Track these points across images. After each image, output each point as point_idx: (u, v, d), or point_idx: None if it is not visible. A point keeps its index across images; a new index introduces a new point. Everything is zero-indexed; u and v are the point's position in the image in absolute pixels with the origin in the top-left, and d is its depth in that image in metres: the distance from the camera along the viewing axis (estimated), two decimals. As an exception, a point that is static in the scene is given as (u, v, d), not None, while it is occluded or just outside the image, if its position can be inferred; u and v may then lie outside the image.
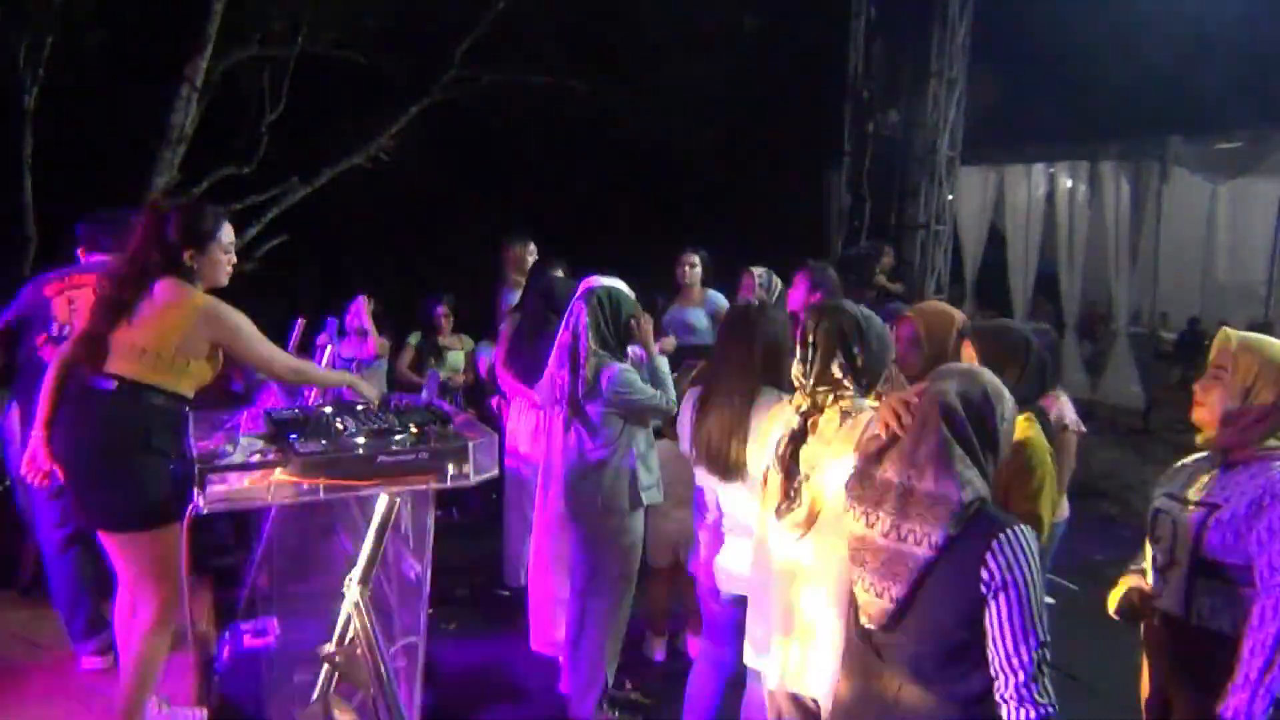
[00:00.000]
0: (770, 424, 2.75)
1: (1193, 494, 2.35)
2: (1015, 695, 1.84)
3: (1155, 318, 11.99)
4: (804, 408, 2.59)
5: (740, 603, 2.96)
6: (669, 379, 3.68)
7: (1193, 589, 2.26)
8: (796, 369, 2.63)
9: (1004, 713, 1.86)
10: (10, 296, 3.61)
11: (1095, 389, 11.28)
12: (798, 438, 2.58)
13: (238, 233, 3.12)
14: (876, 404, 2.58)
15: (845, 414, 2.51)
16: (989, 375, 2.09)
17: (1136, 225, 10.49)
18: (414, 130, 9.87)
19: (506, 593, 5.00)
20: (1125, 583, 2.51)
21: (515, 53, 10.23)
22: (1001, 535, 1.88)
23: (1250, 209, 12.55)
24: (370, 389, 3.05)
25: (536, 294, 4.68)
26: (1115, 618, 2.49)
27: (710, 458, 2.95)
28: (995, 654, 1.86)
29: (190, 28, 7.59)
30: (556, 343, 3.77)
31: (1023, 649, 1.84)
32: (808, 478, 2.53)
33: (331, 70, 9.45)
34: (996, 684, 1.88)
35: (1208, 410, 2.37)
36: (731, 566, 3.09)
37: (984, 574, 1.86)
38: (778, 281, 5.24)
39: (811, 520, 2.52)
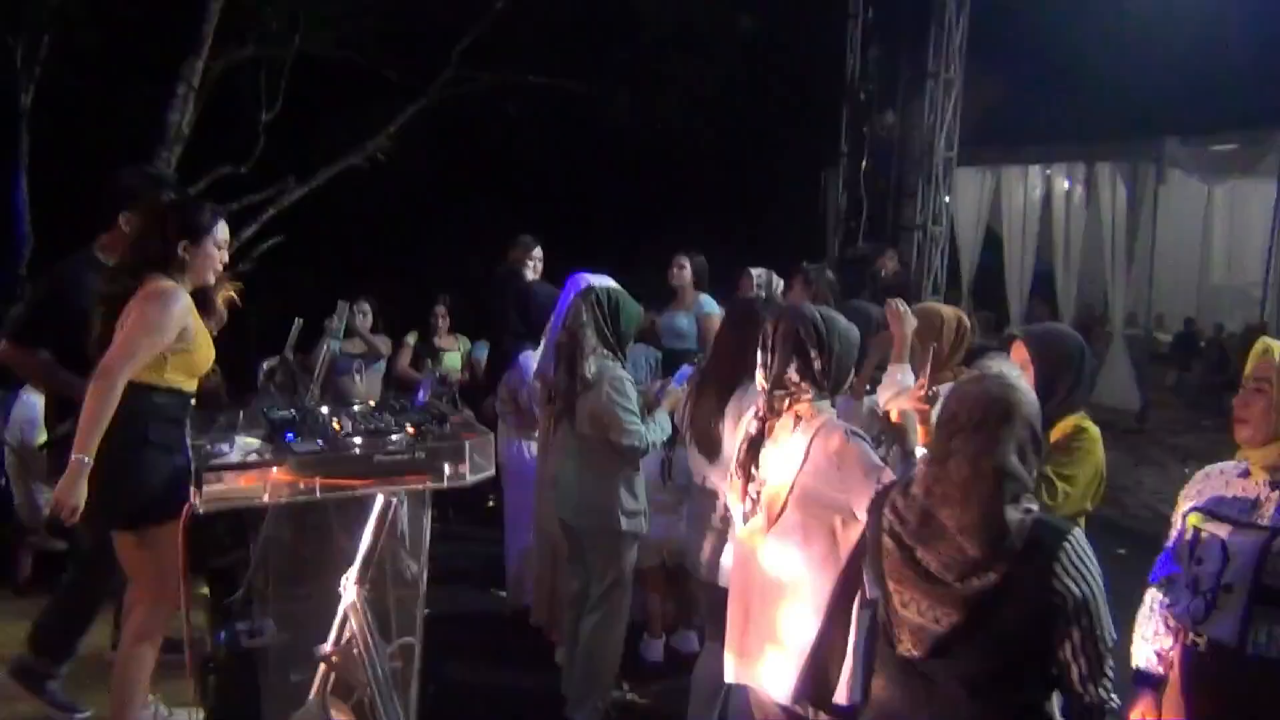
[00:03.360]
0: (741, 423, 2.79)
1: (1242, 514, 2.23)
2: (1092, 700, 1.84)
3: (1151, 319, 12.02)
4: (762, 412, 2.60)
5: None
6: (662, 430, 3.57)
7: (1250, 616, 2.14)
8: (758, 373, 2.64)
9: None
10: (8, 295, 3.60)
11: (1091, 390, 11.28)
12: (755, 442, 2.58)
13: (235, 232, 3.12)
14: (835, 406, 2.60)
15: (799, 418, 2.51)
16: (1025, 391, 1.94)
17: (1132, 227, 10.50)
18: (411, 130, 9.86)
19: (503, 593, 5.00)
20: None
21: (513, 53, 10.23)
22: (1065, 547, 1.83)
23: (1246, 210, 12.58)
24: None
25: (512, 303, 4.69)
26: None
27: (698, 437, 3.14)
28: (1075, 667, 1.84)
29: (187, 27, 7.58)
30: (552, 342, 3.77)
31: (1101, 656, 1.83)
32: (765, 482, 2.54)
33: (329, 70, 9.45)
34: (1069, 691, 1.86)
35: (1251, 427, 2.23)
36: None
37: (1056, 587, 1.81)
38: (779, 282, 5.22)
39: (769, 525, 2.52)
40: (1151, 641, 2.44)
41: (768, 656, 2.56)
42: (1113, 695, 1.87)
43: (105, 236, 3.37)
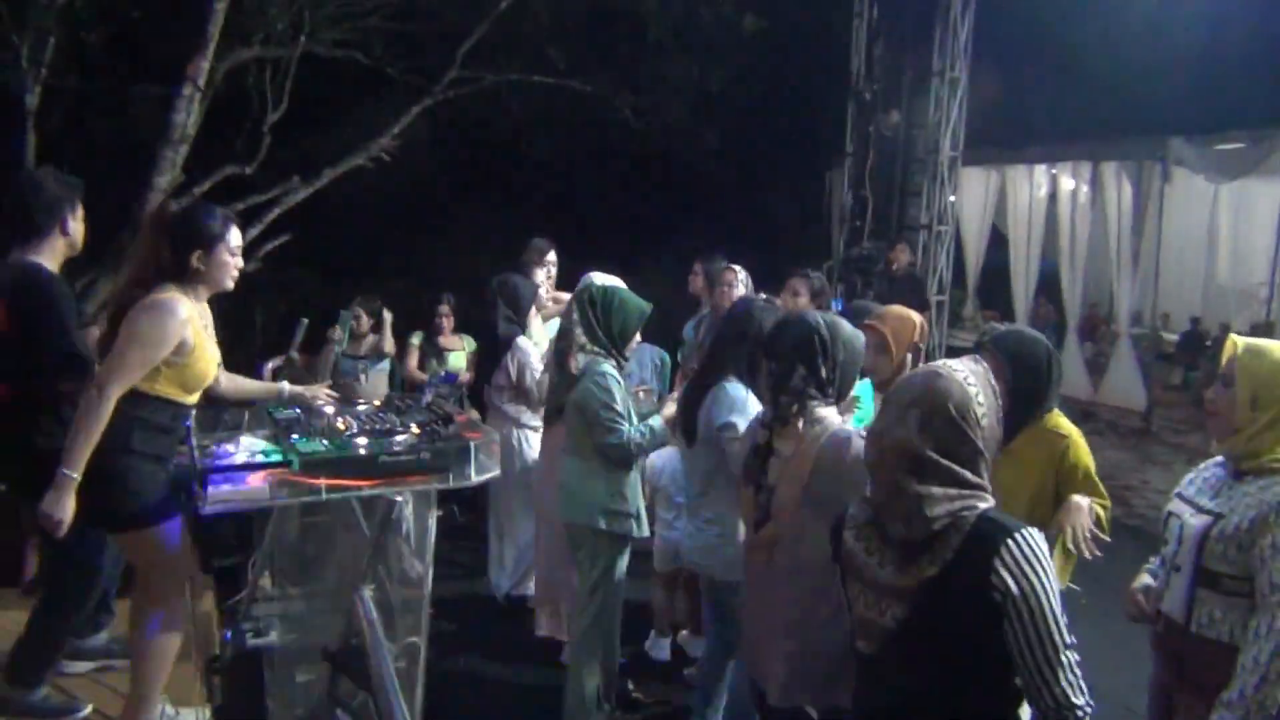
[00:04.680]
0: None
1: (1204, 500, 2.33)
2: (1054, 703, 1.75)
3: (1157, 318, 11.98)
4: (768, 420, 2.59)
5: None
6: (652, 434, 3.53)
7: (1193, 597, 2.26)
8: (763, 380, 2.64)
9: None
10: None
11: (1096, 390, 11.28)
12: (763, 451, 2.57)
13: (240, 233, 3.09)
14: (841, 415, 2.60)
15: (806, 425, 2.51)
16: (954, 382, 1.86)
17: (1138, 226, 10.48)
18: (416, 130, 9.87)
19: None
20: (1139, 581, 2.53)
21: (517, 53, 10.24)
22: (1008, 543, 1.75)
23: (1252, 210, 12.54)
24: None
25: (500, 294, 4.70)
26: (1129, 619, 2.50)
27: (682, 424, 3.29)
28: (1022, 666, 1.76)
29: (192, 27, 7.58)
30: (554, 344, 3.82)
31: (1052, 657, 1.74)
32: (774, 490, 2.53)
33: (333, 70, 9.46)
34: (1030, 695, 1.78)
35: (1219, 419, 2.32)
36: None
37: (995, 583, 1.74)
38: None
39: (776, 535, 2.52)
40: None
41: (779, 659, 2.55)
42: (1078, 698, 1.76)
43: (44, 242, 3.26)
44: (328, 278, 10.93)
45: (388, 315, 6.22)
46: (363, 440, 2.64)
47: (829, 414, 2.54)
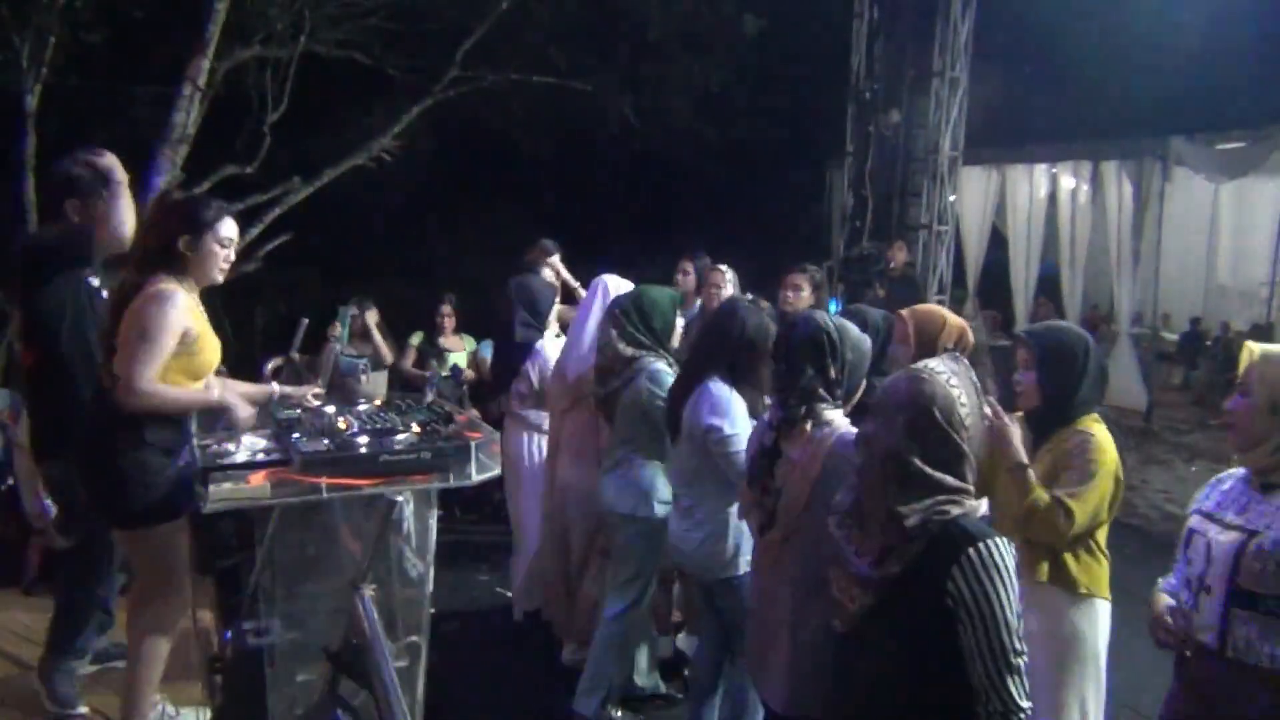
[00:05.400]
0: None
1: (1230, 516, 2.23)
2: (1001, 705, 1.81)
3: (1157, 318, 11.96)
4: (776, 421, 2.58)
5: None
6: None
7: (1229, 618, 2.15)
8: (770, 381, 2.64)
9: None
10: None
11: (1105, 387, 11.25)
12: (770, 452, 2.57)
13: (240, 233, 3.08)
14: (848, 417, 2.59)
15: (814, 427, 2.50)
16: (937, 385, 1.91)
17: (1139, 226, 10.46)
18: (416, 130, 9.87)
19: (508, 592, 4.99)
20: (1159, 602, 2.38)
21: (517, 53, 10.24)
22: (968, 552, 1.81)
23: (1253, 209, 12.54)
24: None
25: (517, 297, 4.68)
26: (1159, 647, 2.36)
27: (668, 420, 3.30)
28: (972, 670, 1.82)
29: (193, 27, 7.58)
30: (579, 337, 3.98)
31: (1001, 664, 1.80)
32: (780, 493, 2.52)
33: (334, 70, 9.46)
34: (979, 698, 1.83)
35: (1238, 430, 2.25)
36: None
37: (950, 590, 1.81)
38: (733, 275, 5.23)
39: (786, 535, 2.51)
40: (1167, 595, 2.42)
41: (783, 667, 2.54)
42: (1024, 701, 1.82)
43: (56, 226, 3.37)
44: (328, 278, 10.93)
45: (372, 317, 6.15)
46: (364, 439, 2.64)
47: (836, 416, 2.54)
